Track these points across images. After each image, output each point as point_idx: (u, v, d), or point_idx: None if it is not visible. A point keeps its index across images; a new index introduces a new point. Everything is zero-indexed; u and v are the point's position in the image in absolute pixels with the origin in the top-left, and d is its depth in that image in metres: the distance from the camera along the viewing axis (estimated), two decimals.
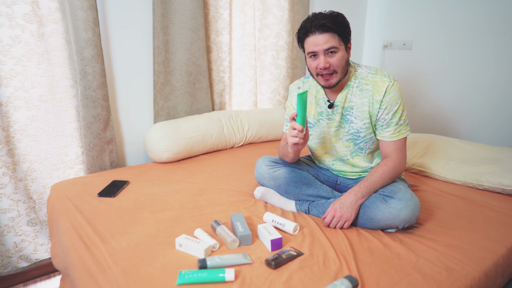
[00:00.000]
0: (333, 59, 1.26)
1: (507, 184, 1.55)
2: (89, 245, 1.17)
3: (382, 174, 1.30)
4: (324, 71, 1.28)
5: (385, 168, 1.31)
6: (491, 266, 1.09)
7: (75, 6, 1.61)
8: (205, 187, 1.62)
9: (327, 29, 1.23)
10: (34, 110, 1.68)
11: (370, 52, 2.98)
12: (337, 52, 1.26)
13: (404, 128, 1.34)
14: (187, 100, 2.13)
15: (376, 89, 1.32)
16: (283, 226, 1.24)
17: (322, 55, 1.26)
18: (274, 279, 0.99)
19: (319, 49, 1.25)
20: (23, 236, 1.72)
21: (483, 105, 2.35)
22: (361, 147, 1.41)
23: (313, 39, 1.26)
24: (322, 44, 1.25)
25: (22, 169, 1.69)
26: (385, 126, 1.34)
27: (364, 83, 1.35)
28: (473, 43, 2.33)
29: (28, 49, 1.60)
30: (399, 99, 1.32)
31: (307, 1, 2.50)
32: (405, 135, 1.35)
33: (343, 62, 1.29)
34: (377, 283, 0.98)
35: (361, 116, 1.36)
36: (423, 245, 1.17)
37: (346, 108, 1.38)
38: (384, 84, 1.31)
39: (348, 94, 1.37)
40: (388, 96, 1.30)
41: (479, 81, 2.34)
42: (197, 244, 1.11)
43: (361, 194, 1.26)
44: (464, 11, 2.34)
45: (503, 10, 2.16)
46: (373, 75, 1.34)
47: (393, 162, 1.33)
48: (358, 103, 1.36)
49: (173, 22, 1.97)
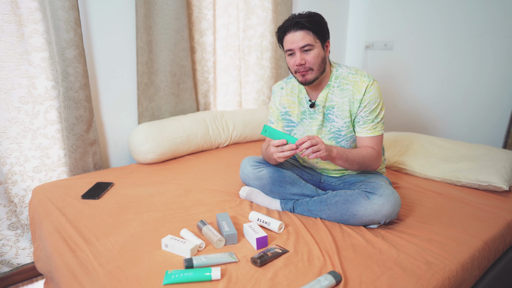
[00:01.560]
0: (308, 56, 1.31)
1: (483, 180, 1.61)
2: (73, 248, 1.15)
3: (358, 151, 1.35)
4: (300, 67, 1.32)
5: (363, 150, 1.36)
6: (468, 259, 1.13)
7: (56, 6, 1.59)
8: (191, 188, 1.63)
9: (302, 27, 1.29)
10: (14, 112, 1.64)
11: (353, 52, 3.03)
12: (313, 50, 1.31)
13: (380, 126, 1.40)
14: (172, 100, 2.13)
15: (356, 89, 1.36)
16: (268, 224, 1.26)
17: (298, 52, 1.31)
18: (259, 276, 1.00)
19: (295, 47, 1.30)
20: (4, 241, 1.68)
21: (461, 104, 2.42)
22: (342, 145, 1.44)
23: (290, 37, 1.31)
24: (298, 41, 1.29)
25: (2, 172, 1.65)
26: (362, 123, 1.38)
27: (345, 83, 1.39)
28: (451, 44, 2.40)
29: (7, 49, 1.57)
30: (378, 98, 1.37)
31: (290, 2, 2.52)
32: (380, 133, 1.40)
33: (319, 59, 1.32)
34: (360, 278, 1.00)
35: (341, 115, 1.40)
36: (404, 240, 1.21)
37: (327, 107, 1.42)
38: (364, 84, 1.35)
39: (329, 93, 1.41)
40: (367, 95, 1.35)
41: (457, 81, 2.42)
42: (183, 244, 1.11)
43: (336, 150, 1.28)
44: (443, 14, 2.41)
45: (479, 13, 2.24)
46: (354, 75, 1.38)
47: (371, 150, 1.38)
48: (339, 102, 1.40)
49: (156, 23, 1.97)
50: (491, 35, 2.22)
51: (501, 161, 1.70)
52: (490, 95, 2.28)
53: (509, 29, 2.14)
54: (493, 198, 1.55)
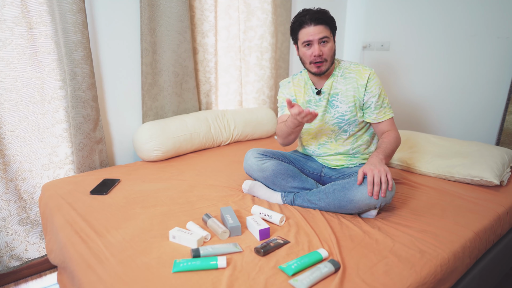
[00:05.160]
0: (325, 48, 1.44)
1: (475, 175, 1.68)
2: (86, 240, 1.22)
3: (388, 141, 1.47)
4: (317, 58, 1.44)
5: (389, 138, 1.49)
6: (459, 248, 1.20)
7: (64, 9, 1.65)
8: (195, 184, 1.69)
9: (321, 22, 1.42)
10: (24, 111, 1.70)
11: (350, 52, 3.10)
12: (329, 42, 1.45)
13: (388, 110, 1.53)
14: (175, 100, 2.19)
15: (360, 76, 1.50)
16: (270, 217, 1.32)
17: (316, 44, 1.43)
18: (263, 265, 1.07)
19: (314, 38, 1.42)
20: (14, 236, 1.74)
21: (456, 102, 2.50)
22: (345, 129, 1.55)
23: (308, 30, 1.43)
24: (317, 34, 1.42)
25: (13, 169, 1.71)
26: (374, 108, 1.51)
27: (348, 72, 1.53)
28: (446, 44, 2.48)
29: (18, 51, 1.63)
30: (380, 85, 1.52)
31: (290, 4, 2.59)
32: (390, 115, 1.54)
33: (332, 52, 1.47)
34: (357, 266, 1.07)
35: (345, 101, 1.52)
36: (399, 231, 1.27)
37: (332, 95, 1.54)
38: (366, 72, 1.50)
39: (333, 82, 1.54)
40: (371, 81, 1.49)
41: (452, 80, 2.49)
42: (190, 236, 1.17)
43: (382, 155, 1.39)
44: (437, 15, 2.48)
45: (472, 14, 2.32)
46: (355, 65, 1.54)
47: (394, 133, 1.52)
48: (342, 90, 1.52)
49: (160, 25, 2.03)
50: (484, 36, 2.29)
51: (492, 157, 1.77)
52: (484, 94, 2.35)
53: (501, 30, 2.21)
54: (485, 192, 1.62)
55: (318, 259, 1.07)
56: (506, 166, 1.76)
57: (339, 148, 1.59)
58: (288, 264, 1.05)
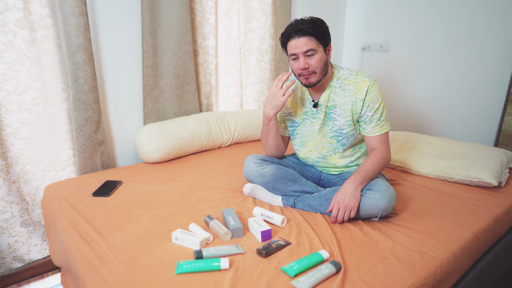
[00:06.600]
0: (311, 61, 1.38)
1: (474, 176, 1.69)
2: (89, 241, 1.23)
3: (372, 163, 1.41)
4: (304, 71, 1.40)
5: (375, 158, 1.43)
6: (458, 249, 1.21)
7: (67, 13, 1.66)
8: (196, 185, 1.70)
9: (305, 33, 1.35)
10: (26, 114, 1.71)
11: (350, 54, 3.12)
12: (315, 54, 1.38)
13: (385, 123, 1.48)
14: (175, 102, 2.20)
15: (358, 89, 1.44)
16: (271, 219, 1.33)
17: (302, 57, 1.38)
18: (265, 266, 1.08)
19: (299, 51, 1.38)
20: (17, 237, 1.75)
21: (455, 104, 2.51)
22: (343, 143, 1.52)
23: (294, 42, 1.38)
24: (301, 46, 1.36)
25: (15, 171, 1.72)
26: (368, 122, 1.46)
27: (346, 83, 1.47)
28: (445, 46, 2.49)
29: (20, 54, 1.64)
30: (380, 97, 1.45)
31: (289, 6, 2.60)
32: (386, 130, 1.48)
33: (321, 63, 1.40)
34: (358, 267, 1.08)
35: (343, 114, 1.48)
36: (399, 232, 1.28)
37: (330, 107, 1.50)
38: (365, 84, 1.43)
39: (331, 93, 1.49)
40: (370, 95, 1.43)
41: (451, 82, 2.51)
42: (192, 237, 1.19)
43: (358, 182, 1.35)
44: (436, 17, 2.50)
45: (471, 16, 2.33)
46: (355, 76, 1.47)
47: (381, 153, 1.45)
48: (341, 102, 1.48)
49: (161, 27, 2.04)
50: (482, 38, 2.31)
51: (491, 158, 1.78)
52: (483, 96, 2.37)
53: (499, 32, 2.23)
54: (484, 193, 1.64)
55: (320, 260, 1.09)
56: (505, 167, 1.78)
57: (338, 161, 1.57)
58: (290, 265, 1.06)
